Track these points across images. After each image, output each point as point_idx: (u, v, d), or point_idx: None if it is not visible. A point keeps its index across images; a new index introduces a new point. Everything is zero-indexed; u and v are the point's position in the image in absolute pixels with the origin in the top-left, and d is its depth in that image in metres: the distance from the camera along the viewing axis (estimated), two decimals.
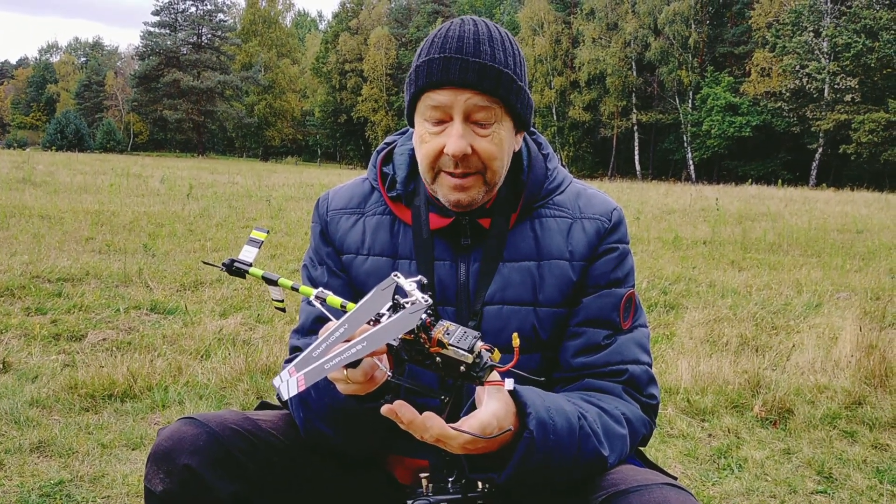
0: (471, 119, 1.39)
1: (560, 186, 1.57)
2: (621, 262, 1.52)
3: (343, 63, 69.92)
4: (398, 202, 1.55)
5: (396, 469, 1.54)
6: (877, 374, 4.28)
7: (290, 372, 1.03)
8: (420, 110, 1.43)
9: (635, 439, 1.43)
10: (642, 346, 1.51)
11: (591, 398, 1.41)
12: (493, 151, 1.40)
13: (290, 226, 11.57)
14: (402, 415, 1.13)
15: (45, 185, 16.64)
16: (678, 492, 1.24)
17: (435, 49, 1.39)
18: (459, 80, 1.36)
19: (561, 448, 1.26)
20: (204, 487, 1.32)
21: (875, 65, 43.10)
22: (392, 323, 1.06)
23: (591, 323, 1.48)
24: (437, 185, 1.45)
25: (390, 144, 1.63)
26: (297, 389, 1.03)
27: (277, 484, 1.42)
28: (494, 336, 1.44)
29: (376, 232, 1.54)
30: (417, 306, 1.08)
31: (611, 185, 33.81)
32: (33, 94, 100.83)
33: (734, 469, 3.26)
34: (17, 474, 2.89)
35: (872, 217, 17.16)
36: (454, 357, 1.11)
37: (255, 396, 3.89)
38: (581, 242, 1.50)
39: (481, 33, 1.39)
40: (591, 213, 1.53)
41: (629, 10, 52.13)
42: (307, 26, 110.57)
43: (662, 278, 7.72)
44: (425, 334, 1.11)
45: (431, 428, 1.13)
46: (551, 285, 1.48)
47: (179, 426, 1.37)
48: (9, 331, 4.82)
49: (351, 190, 1.62)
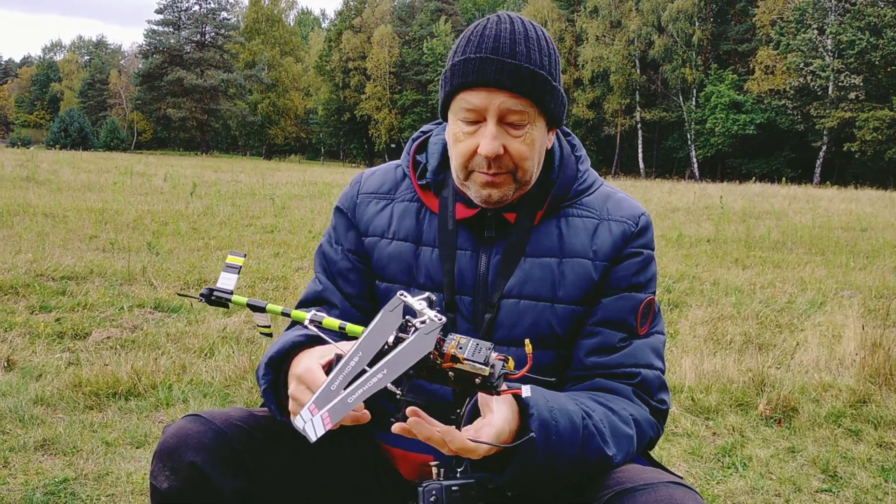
0: (504, 120, 1.40)
1: (590, 188, 1.57)
2: (645, 267, 1.52)
3: (346, 61, 69.86)
4: (427, 190, 1.57)
5: (400, 465, 1.54)
6: (882, 372, 4.27)
7: (311, 410, 1.00)
8: (454, 109, 1.44)
9: (642, 441, 1.43)
10: (657, 352, 1.51)
11: (599, 398, 1.41)
12: (525, 152, 1.41)
13: (294, 224, 11.58)
14: (418, 433, 1.14)
15: (49, 183, 16.66)
16: (684, 490, 1.24)
17: (471, 48, 1.40)
18: (494, 81, 1.37)
19: (563, 448, 1.26)
20: (209, 484, 1.32)
21: (879, 62, 42.96)
22: (409, 346, 1.04)
23: (608, 324, 1.48)
24: (470, 182, 1.46)
25: (426, 133, 1.65)
26: (323, 429, 0.99)
27: (282, 481, 1.42)
28: (508, 330, 1.44)
29: (403, 218, 1.56)
30: (431, 325, 1.06)
31: (614, 183, 33.67)
32: (37, 92, 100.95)
33: (739, 467, 3.26)
34: (21, 472, 2.90)
35: (876, 215, 17.11)
36: (470, 371, 1.09)
37: (259, 395, 3.88)
38: (606, 243, 1.50)
39: (517, 32, 1.39)
40: (619, 215, 1.53)
41: (633, 8, 51.99)
42: (310, 24, 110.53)
43: (666, 276, 7.71)
44: (437, 351, 1.09)
45: (452, 442, 1.14)
46: (572, 283, 1.48)
47: (185, 423, 1.37)
48: (13, 329, 4.83)
49: (384, 175, 1.64)
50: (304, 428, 0.99)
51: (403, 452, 1.51)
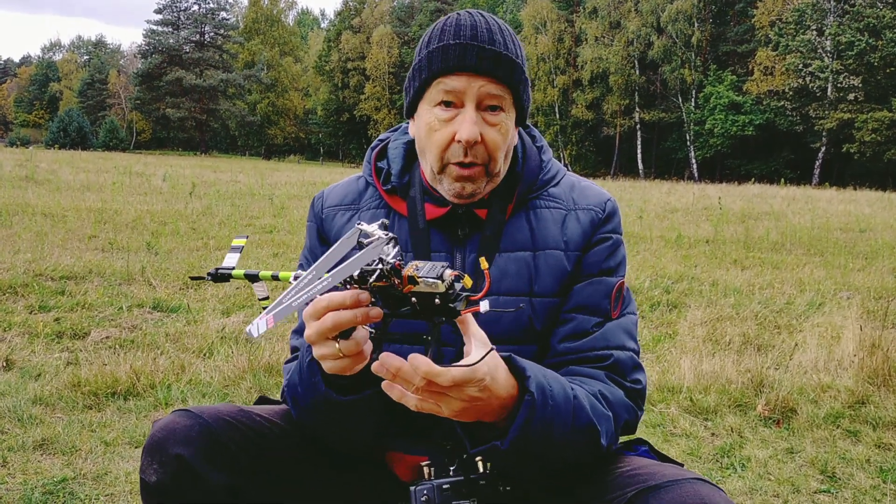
0: (482, 107, 1.41)
1: (554, 178, 1.58)
2: (614, 251, 1.52)
3: (346, 61, 69.92)
4: (393, 195, 1.57)
5: (396, 466, 1.53)
6: (880, 373, 4.27)
7: (261, 317, 1.05)
8: (430, 97, 1.43)
9: (619, 422, 1.42)
10: (629, 333, 1.50)
11: (574, 381, 1.40)
12: (499, 142, 1.42)
13: (293, 224, 11.58)
14: (389, 365, 1.12)
15: (48, 183, 16.66)
16: (710, 487, 1.23)
17: (448, 36, 1.40)
18: (475, 66, 1.38)
19: (559, 414, 1.26)
20: (196, 478, 1.32)
21: (878, 63, 43.02)
22: (355, 258, 1.07)
23: (582, 309, 1.48)
24: (444, 175, 1.46)
25: (384, 141, 1.65)
26: (265, 328, 1.04)
27: (271, 476, 1.42)
28: (489, 327, 1.44)
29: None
30: (378, 241, 1.09)
31: (613, 183, 33.78)
32: (36, 92, 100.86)
33: (737, 468, 3.26)
34: (20, 472, 2.90)
35: (875, 216, 17.12)
36: (426, 290, 1.10)
37: (257, 394, 3.88)
38: (576, 232, 1.51)
39: (491, 23, 1.42)
40: (586, 203, 1.54)
41: (632, 9, 52.04)
42: (310, 24, 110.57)
43: (665, 277, 7.72)
44: (396, 277, 1.11)
45: (418, 368, 1.11)
46: (546, 275, 1.48)
47: (173, 418, 1.37)
48: (12, 328, 4.83)
49: (345, 188, 1.63)
50: (250, 329, 1.05)
51: (399, 455, 1.51)
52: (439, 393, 1.15)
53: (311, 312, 1.18)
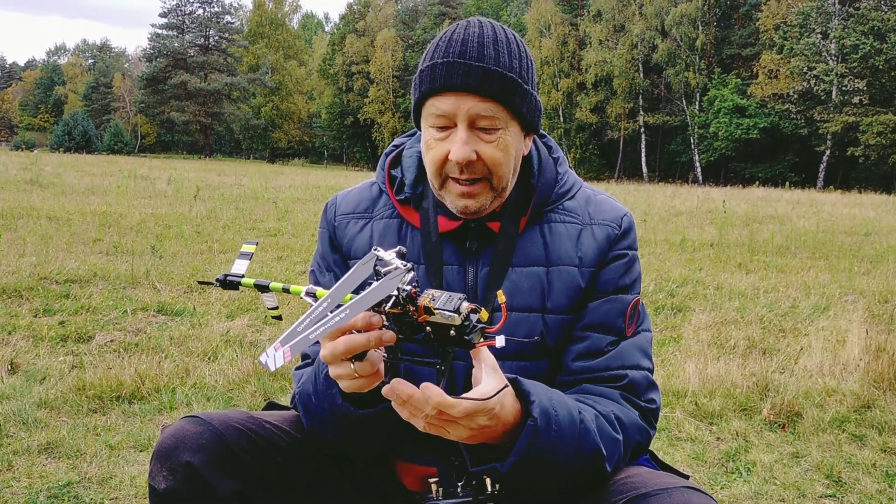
0: (475, 125, 1.37)
1: (570, 191, 1.54)
2: (629, 268, 1.50)
3: (350, 65, 69.97)
4: (406, 205, 1.54)
5: (405, 476, 1.53)
6: (886, 377, 4.26)
7: (275, 347, 1.04)
8: (425, 116, 1.41)
9: (629, 444, 1.41)
10: (643, 351, 1.49)
11: (586, 400, 1.39)
12: (499, 157, 1.38)
13: (297, 227, 11.59)
14: (400, 391, 1.12)
15: (53, 186, 16.70)
16: (700, 495, 1.22)
17: (439, 53, 1.37)
18: (462, 85, 1.34)
19: (563, 439, 1.25)
20: (206, 485, 1.32)
21: (883, 67, 42.95)
22: (372, 290, 1.06)
23: (596, 328, 1.46)
24: (445, 191, 1.43)
25: (398, 147, 1.62)
26: (283, 361, 1.03)
27: (280, 483, 1.42)
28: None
29: (384, 235, 1.53)
30: (396, 272, 1.08)
31: (617, 187, 33.75)
32: (41, 95, 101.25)
33: (743, 472, 3.25)
34: (25, 475, 2.90)
35: (880, 219, 17.08)
36: (442, 322, 1.09)
37: (262, 398, 3.89)
38: (591, 248, 1.48)
39: (486, 36, 1.37)
40: (601, 219, 1.51)
41: (636, 12, 52.03)
42: (314, 28, 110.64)
43: (669, 281, 7.70)
44: (412, 305, 1.10)
45: (430, 398, 1.11)
46: (560, 292, 1.46)
47: (183, 424, 1.37)
48: (17, 332, 4.83)
49: (359, 194, 1.61)
50: (266, 361, 1.04)
51: (408, 465, 1.51)
52: (449, 421, 1.15)
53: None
